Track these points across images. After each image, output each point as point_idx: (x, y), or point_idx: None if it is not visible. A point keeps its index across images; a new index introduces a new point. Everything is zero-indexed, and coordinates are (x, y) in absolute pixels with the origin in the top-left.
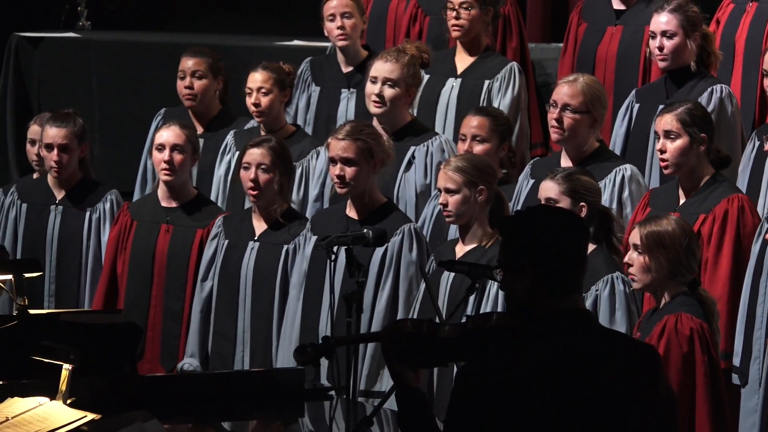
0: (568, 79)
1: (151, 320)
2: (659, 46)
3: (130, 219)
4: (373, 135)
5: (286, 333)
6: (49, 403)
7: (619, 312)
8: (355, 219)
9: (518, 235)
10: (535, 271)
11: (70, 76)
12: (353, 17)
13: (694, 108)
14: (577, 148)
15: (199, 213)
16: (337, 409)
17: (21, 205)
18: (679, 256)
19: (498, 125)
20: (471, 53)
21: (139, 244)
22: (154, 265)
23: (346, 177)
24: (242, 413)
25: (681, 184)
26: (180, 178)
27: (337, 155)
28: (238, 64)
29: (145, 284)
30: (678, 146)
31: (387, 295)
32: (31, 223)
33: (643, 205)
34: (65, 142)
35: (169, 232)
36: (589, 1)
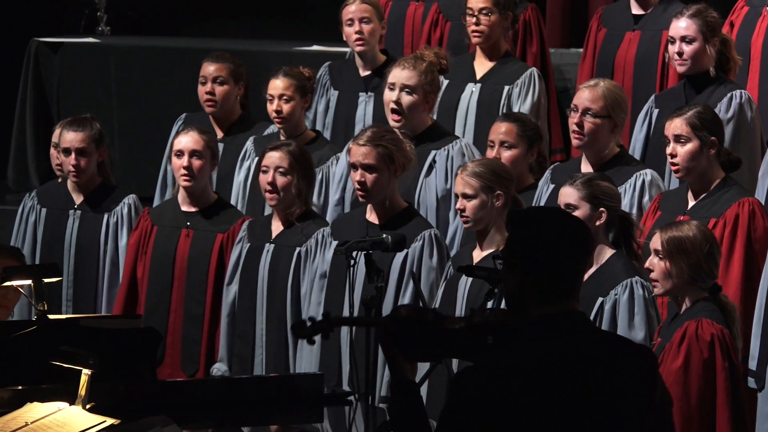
0: (589, 83)
1: (172, 325)
2: (678, 51)
3: (150, 224)
4: (394, 140)
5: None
6: (69, 408)
7: (637, 316)
8: (375, 224)
9: (516, 234)
10: (525, 274)
11: (90, 81)
12: (372, 22)
13: (703, 111)
14: (598, 153)
15: (219, 217)
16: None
17: (41, 209)
18: (700, 262)
19: (526, 131)
20: (490, 58)
21: (160, 249)
22: (175, 270)
23: (367, 183)
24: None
25: (691, 187)
26: (199, 184)
27: (358, 161)
28: (258, 69)
29: (166, 289)
30: (688, 150)
31: (408, 300)
32: (49, 227)
33: (653, 209)
34: (82, 146)
35: (189, 236)
36: (609, 7)
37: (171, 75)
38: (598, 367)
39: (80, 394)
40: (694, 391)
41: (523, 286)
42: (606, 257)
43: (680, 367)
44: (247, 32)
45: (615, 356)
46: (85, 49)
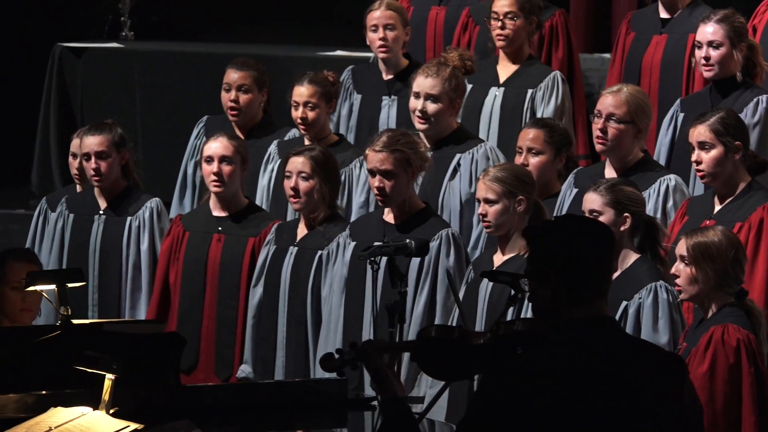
0: (613, 89)
1: (205, 330)
2: (705, 56)
3: (182, 230)
4: (409, 144)
5: (329, 341)
6: (92, 413)
7: (661, 320)
8: (392, 224)
9: (543, 243)
10: (558, 277)
11: (114, 86)
12: (396, 29)
13: (726, 117)
14: (622, 159)
15: (250, 221)
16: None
17: (68, 215)
18: (726, 267)
19: (553, 137)
20: (514, 62)
21: (192, 254)
22: (207, 275)
23: (386, 189)
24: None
25: (717, 192)
26: (230, 189)
27: (376, 167)
28: (281, 74)
29: (198, 294)
30: (713, 156)
31: (424, 302)
32: (76, 233)
33: (681, 214)
34: (101, 149)
35: (221, 241)
36: (639, 11)
37: (195, 80)
38: (625, 373)
39: (104, 398)
40: (719, 397)
41: (557, 292)
42: (631, 262)
43: (706, 372)
44: (271, 37)
45: (642, 362)
46: (109, 55)
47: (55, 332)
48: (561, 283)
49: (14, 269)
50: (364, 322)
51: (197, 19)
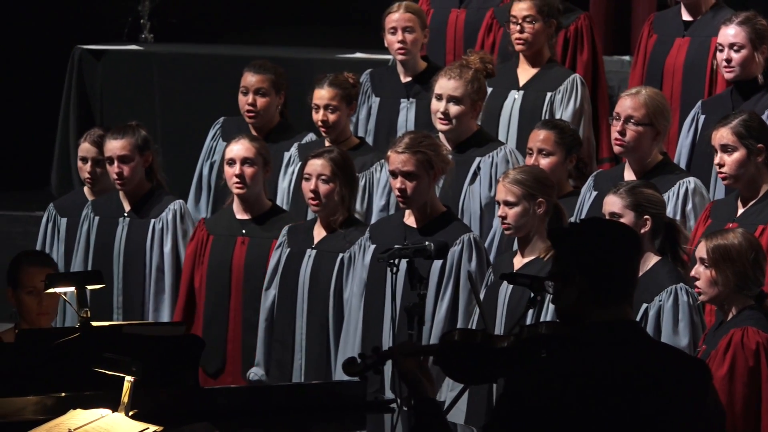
0: (631, 91)
1: (231, 333)
2: (727, 58)
3: (206, 233)
4: (431, 146)
5: (348, 343)
6: (112, 415)
7: (682, 323)
8: (414, 227)
9: (569, 246)
10: (584, 280)
11: (133, 88)
12: (415, 31)
13: (749, 119)
14: (641, 161)
15: (273, 224)
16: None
17: (94, 218)
18: (746, 270)
19: (564, 137)
20: (533, 65)
21: (216, 258)
22: (232, 278)
23: (407, 191)
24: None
25: (740, 195)
26: (252, 191)
27: (398, 169)
28: (300, 77)
29: (224, 297)
30: (735, 159)
31: (446, 306)
32: (101, 235)
33: (704, 218)
34: (124, 153)
35: (245, 244)
36: (661, 13)
37: (215, 82)
38: (649, 377)
39: (123, 401)
40: (738, 399)
41: (582, 295)
42: (651, 264)
43: (725, 374)
44: (290, 39)
45: (666, 367)
46: (129, 57)
47: (75, 334)
48: (586, 286)
49: (29, 274)
50: (384, 325)
51: (217, 22)
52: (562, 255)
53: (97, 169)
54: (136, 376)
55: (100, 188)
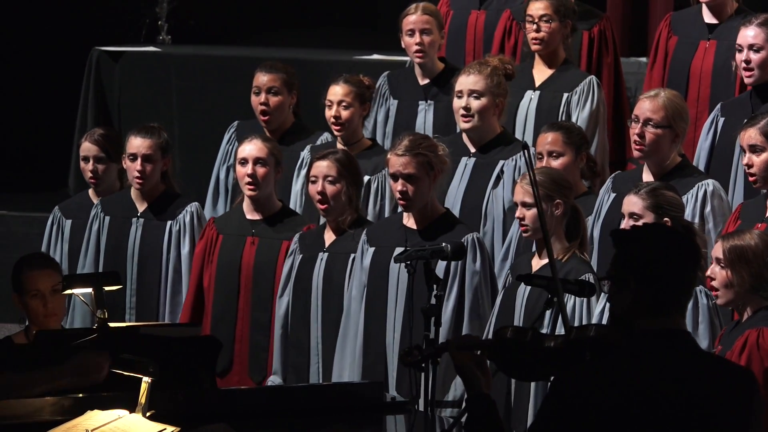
0: (650, 94)
1: (239, 333)
2: (746, 59)
3: (215, 233)
4: (430, 147)
5: (348, 346)
6: (129, 416)
7: (702, 325)
8: (414, 229)
9: (628, 250)
10: (639, 287)
11: (151, 89)
12: (432, 33)
13: None
14: (659, 163)
15: (284, 225)
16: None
17: (104, 218)
18: (762, 271)
19: (571, 138)
20: (549, 66)
21: (225, 257)
22: (241, 278)
23: (409, 193)
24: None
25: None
26: (264, 192)
27: (399, 171)
28: (318, 79)
29: (232, 297)
30: (764, 159)
31: (452, 305)
32: (113, 235)
33: (734, 218)
34: (149, 152)
35: (255, 244)
36: (679, 14)
37: (232, 84)
38: (695, 388)
39: (140, 401)
40: None
41: (635, 301)
42: None
43: None
44: (308, 41)
45: (714, 378)
46: (146, 58)
47: (92, 336)
48: (640, 292)
49: (30, 277)
50: (387, 327)
51: (234, 23)
52: (620, 258)
53: (98, 166)
54: (153, 376)
55: (103, 188)
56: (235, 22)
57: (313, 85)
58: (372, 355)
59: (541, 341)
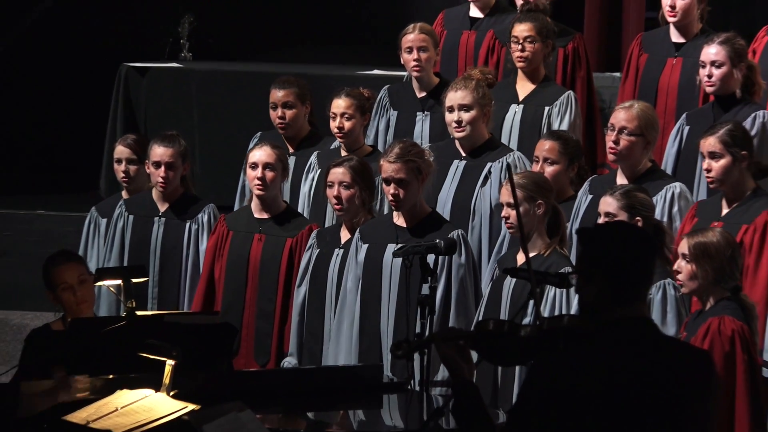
0: (625, 105)
1: (246, 320)
2: (708, 74)
3: (226, 229)
4: (418, 153)
5: (344, 334)
6: (154, 395)
7: (669, 314)
8: (404, 227)
9: (593, 246)
10: (604, 280)
11: (174, 102)
12: (428, 50)
13: (734, 129)
14: (632, 168)
15: (288, 224)
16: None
17: (128, 217)
18: (723, 265)
19: (568, 148)
20: (532, 81)
21: (235, 252)
22: (248, 271)
23: (400, 196)
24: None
25: (725, 197)
26: (271, 193)
27: (391, 176)
28: (324, 91)
29: (240, 288)
30: (722, 165)
31: (441, 295)
32: (136, 233)
33: (690, 216)
34: (171, 160)
35: (262, 240)
36: (649, 34)
37: (247, 96)
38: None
39: (164, 382)
40: None
41: (601, 292)
42: None
43: None
44: (315, 57)
45: (675, 361)
46: (170, 74)
47: (121, 323)
48: (605, 284)
49: (57, 272)
50: (381, 316)
51: (250, 42)
52: (586, 254)
53: (130, 167)
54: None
55: (134, 187)
56: (249, 40)
57: (320, 97)
58: (367, 341)
59: (517, 331)
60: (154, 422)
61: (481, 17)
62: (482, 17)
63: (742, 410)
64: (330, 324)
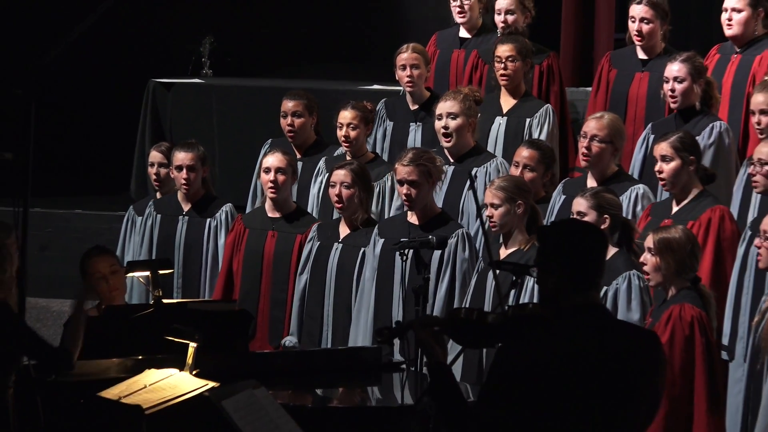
0: (596, 115)
1: (261, 308)
2: (671, 88)
3: (243, 227)
4: (430, 159)
5: (361, 318)
6: (178, 374)
7: (634, 302)
8: (416, 224)
9: (549, 241)
10: (561, 271)
11: (196, 113)
12: (420, 68)
13: (683, 136)
14: (601, 171)
15: (298, 222)
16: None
17: (156, 216)
18: (684, 258)
19: (545, 157)
20: (513, 96)
21: (251, 247)
22: (263, 264)
23: (412, 196)
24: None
25: (675, 197)
26: (282, 194)
27: (404, 178)
28: (330, 104)
29: (256, 279)
30: (672, 167)
31: (446, 286)
32: (163, 230)
33: (645, 215)
34: (191, 163)
35: (275, 237)
36: (617, 52)
37: (261, 108)
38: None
39: (188, 362)
40: (677, 361)
41: (560, 282)
42: (610, 254)
43: (666, 341)
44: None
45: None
46: (192, 88)
47: (149, 309)
48: (563, 275)
49: (92, 264)
50: (393, 303)
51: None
52: (544, 249)
53: (161, 170)
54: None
55: (166, 189)
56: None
57: (326, 109)
58: (380, 325)
59: (485, 318)
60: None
61: (469, 38)
62: (470, 38)
63: (700, 388)
64: (328, 308)
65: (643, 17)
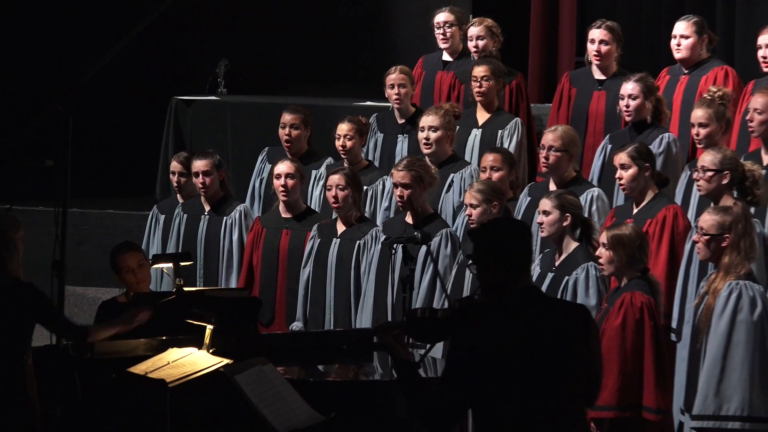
0: (552, 128)
1: (278, 297)
2: (626, 105)
3: (260, 227)
4: (423, 166)
5: (367, 305)
6: (197, 352)
7: (591, 289)
8: (411, 223)
9: (482, 239)
10: (496, 263)
11: (212, 126)
12: (406, 86)
13: (639, 146)
14: (560, 177)
15: (307, 221)
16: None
17: (183, 216)
18: (634, 252)
19: (507, 157)
20: (488, 111)
21: (268, 244)
22: (279, 259)
23: (404, 197)
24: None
25: (635, 200)
26: (293, 197)
27: (398, 182)
28: (327, 118)
29: (273, 272)
30: (630, 174)
31: (429, 278)
32: (188, 228)
33: (610, 217)
34: (207, 169)
35: (288, 234)
36: (574, 72)
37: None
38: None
39: (205, 342)
40: (629, 342)
41: (497, 273)
42: (571, 249)
43: (619, 325)
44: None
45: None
46: (209, 105)
47: (172, 296)
48: (498, 267)
49: (122, 259)
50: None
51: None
52: (479, 247)
53: (181, 179)
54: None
55: (186, 193)
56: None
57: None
58: (378, 311)
59: (435, 315)
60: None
61: (452, 61)
62: (452, 60)
63: (649, 365)
64: (330, 295)
65: (601, 39)
